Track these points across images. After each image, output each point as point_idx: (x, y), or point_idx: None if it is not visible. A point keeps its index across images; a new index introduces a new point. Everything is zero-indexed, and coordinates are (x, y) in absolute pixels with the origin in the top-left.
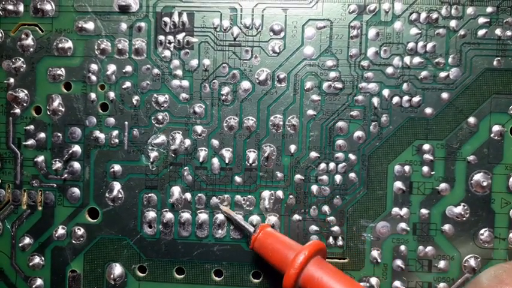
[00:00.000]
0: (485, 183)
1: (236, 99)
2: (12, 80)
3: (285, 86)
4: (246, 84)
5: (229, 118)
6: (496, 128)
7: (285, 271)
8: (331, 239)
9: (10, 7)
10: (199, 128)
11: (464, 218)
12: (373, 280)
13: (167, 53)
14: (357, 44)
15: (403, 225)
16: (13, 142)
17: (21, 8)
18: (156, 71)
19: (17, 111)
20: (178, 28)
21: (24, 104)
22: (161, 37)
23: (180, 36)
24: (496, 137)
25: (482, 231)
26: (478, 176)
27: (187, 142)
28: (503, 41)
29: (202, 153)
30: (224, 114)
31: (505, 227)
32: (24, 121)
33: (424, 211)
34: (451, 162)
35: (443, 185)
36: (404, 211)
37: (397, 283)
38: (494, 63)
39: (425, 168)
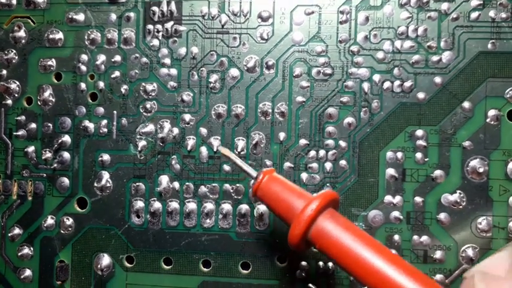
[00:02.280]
0: (481, 170)
1: (224, 86)
2: (4, 72)
3: (274, 72)
4: (234, 72)
5: (217, 106)
6: (491, 112)
7: (292, 223)
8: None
9: (3, 0)
10: (187, 117)
11: (461, 206)
12: None
13: (155, 41)
14: (346, 29)
15: (396, 213)
16: (4, 133)
17: (14, 0)
18: (144, 59)
19: (9, 102)
20: (166, 17)
21: (16, 95)
22: (150, 26)
23: (168, 25)
24: (492, 122)
25: (480, 219)
26: (474, 163)
27: (176, 131)
28: (497, 23)
29: (191, 142)
30: (212, 102)
31: (504, 216)
32: (16, 112)
33: (418, 199)
34: (445, 148)
35: (437, 172)
36: (397, 199)
37: None
38: (489, 46)
39: (418, 155)
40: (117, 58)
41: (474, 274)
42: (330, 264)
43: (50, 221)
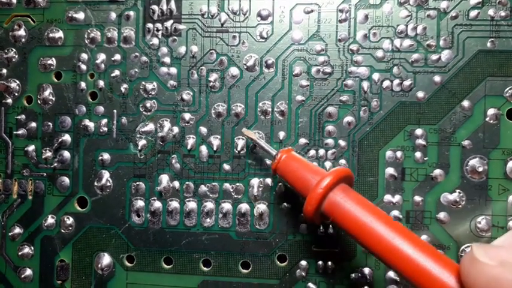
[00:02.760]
0: (481, 169)
1: (224, 85)
2: (4, 71)
3: (273, 71)
4: (233, 71)
5: (217, 105)
6: (491, 111)
7: (307, 197)
8: (321, 228)
9: None
10: (187, 116)
11: (460, 206)
12: (366, 270)
13: (155, 40)
14: (345, 27)
15: (395, 213)
16: (5, 132)
17: None
18: (144, 58)
19: (9, 101)
20: (166, 16)
21: (16, 94)
22: (149, 25)
23: (168, 24)
24: (491, 121)
25: (479, 219)
26: (474, 162)
27: (175, 130)
28: (496, 21)
29: (190, 141)
30: (212, 101)
31: (503, 215)
32: (16, 111)
33: (417, 198)
34: (445, 147)
35: (437, 171)
36: (397, 198)
37: (390, 273)
38: (488, 44)
39: (418, 154)
40: (117, 57)
41: (473, 245)
42: (330, 263)
43: (50, 220)
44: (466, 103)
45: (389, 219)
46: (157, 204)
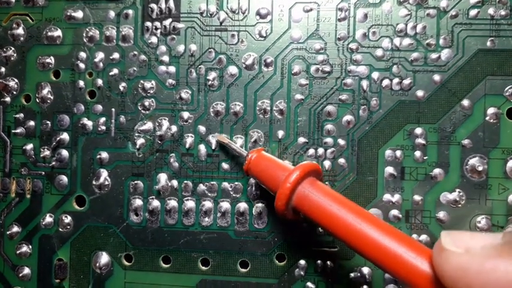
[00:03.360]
0: (481, 168)
1: (223, 84)
2: (3, 69)
3: (272, 70)
4: (232, 69)
5: (216, 104)
6: (491, 110)
7: (277, 193)
8: (320, 228)
9: None
10: (185, 114)
11: (460, 205)
12: (365, 270)
13: (154, 39)
14: (344, 26)
15: (395, 212)
16: (3, 130)
17: None
18: (142, 57)
19: (7, 99)
20: (164, 14)
21: (14, 93)
22: (148, 23)
23: (166, 22)
24: (491, 120)
25: (479, 218)
26: (474, 161)
27: (174, 128)
28: (496, 20)
29: (189, 140)
30: (211, 99)
31: (503, 214)
32: (14, 109)
33: (417, 197)
34: (444, 146)
35: (436, 170)
36: (396, 197)
37: None
38: (488, 43)
39: (417, 153)
40: (116, 55)
41: (441, 232)
42: (329, 262)
43: (48, 219)
44: (465, 102)
45: (358, 208)
46: (155, 203)
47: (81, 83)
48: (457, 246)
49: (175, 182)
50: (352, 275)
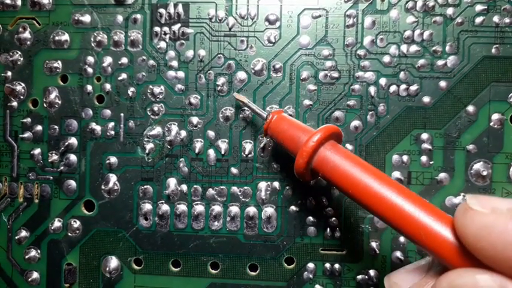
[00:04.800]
0: (485, 173)
1: (232, 89)
2: (9, 73)
3: (281, 76)
4: (241, 75)
5: (225, 109)
6: (495, 116)
7: (297, 154)
8: (328, 231)
9: (8, 1)
10: (195, 119)
11: None
12: (372, 272)
13: (162, 44)
14: (353, 33)
15: None
16: (10, 135)
17: (18, 1)
18: (151, 62)
19: (14, 104)
20: (173, 19)
21: (21, 97)
22: (157, 28)
23: (175, 27)
24: (495, 126)
25: None
26: (478, 166)
27: (183, 133)
28: (501, 28)
29: (198, 145)
30: (220, 105)
31: None
32: (21, 114)
33: None
34: (450, 151)
35: (442, 175)
36: None
37: None
38: (493, 50)
39: (423, 158)
40: (124, 60)
41: (467, 195)
42: (337, 265)
43: (57, 223)
44: (471, 108)
45: (380, 172)
46: (165, 207)
47: (89, 88)
48: (483, 207)
49: (184, 187)
50: (359, 277)
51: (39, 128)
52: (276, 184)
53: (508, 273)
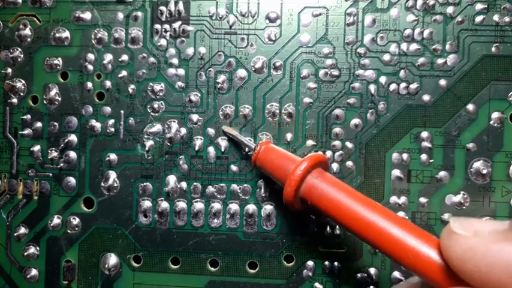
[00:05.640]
0: (485, 171)
1: (232, 87)
2: (9, 70)
3: (281, 73)
4: (241, 72)
5: (225, 106)
6: (495, 115)
7: (285, 184)
8: (328, 229)
9: None
10: (195, 117)
11: (464, 207)
12: (372, 270)
13: (163, 41)
14: (353, 31)
15: (401, 214)
16: (10, 132)
17: None
18: (152, 59)
19: (14, 100)
20: (174, 17)
21: (21, 94)
22: (157, 26)
23: (176, 25)
24: (495, 124)
25: (483, 220)
26: (478, 164)
27: (183, 131)
28: (501, 27)
29: (198, 142)
30: (220, 102)
31: (506, 216)
32: (21, 111)
33: (423, 200)
34: (450, 149)
35: (442, 173)
36: (402, 200)
37: (396, 273)
38: (493, 49)
39: (423, 156)
40: (125, 58)
41: (450, 219)
42: (336, 263)
43: (56, 220)
44: (470, 106)
45: (365, 198)
46: (164, 204)
47: (90, 85)
48: (466, 230)
49: (184, 184)
50: (359, 275)
51: (39, 124)
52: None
53: None
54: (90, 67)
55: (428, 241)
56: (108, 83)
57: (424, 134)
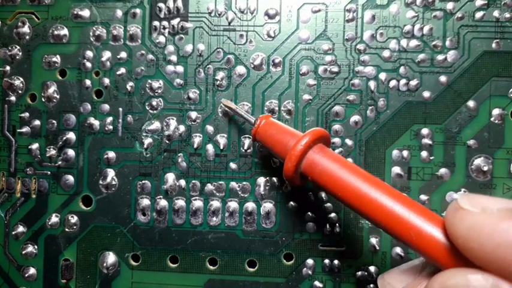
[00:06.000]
0: (486, 168)
1: (231, 84)
2: (8, 68)
3: (280, 70)
4: (240, 69)
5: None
6: (496, 111)
7: (285, 159)
8: (327, 226)
9: None
10: (193, 114)
11: None
12: (372, 268)
13: (162, 38)
14: (352, 27)
15: None
16: (8, 129)
17: None
18: (150, 56)
19: (12, 98)
20: (172, 14)
21: (20, 92)
22: (156, 23)
23: (174, 22)
24: (496, 121)
25: None
26: (479, 161)
27: (182, 128)
28: (501, 23)
29: (197, 140)
30: (219, 99)
31: None
32: (20, 108)
33: (423, 197)
34: (450, 146)
35: (443, 170)
36: None
37: None
38: (493, 45)
39: (424, 153)
40: (123, 55)
41: (457, 194)
42: (336, 261)
43: (54, 219)
44: (471, 103)
45: (368, 174)
46: (163, 202)
47: (88, 82)
48: (473, 207)
49: (183, 182)
50: (359, 273)
51: (37, 122)
52: (275, 179)
53: (498, 273)
54: (89, 64)
55: (432, 220)
56: (106, 81)
57: (425, 131)
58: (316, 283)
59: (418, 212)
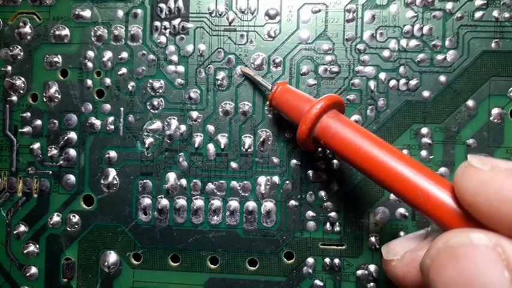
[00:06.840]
0: None
1: (231, 84)
2: (9, 68)
3: (281, 70)
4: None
5: (224, 103)
6: (495, 110)
7: (300, 122)
8: (328, 225)
9: None
10: (194, 114)
11: None
12: (372, 267)
13: (163, 38)
14: (352, 27)
15: (401, 210)
16: (9, 129)
17: None
18: (151, 56)
19: (14, 98)
20: (173, 14)
21: (21, 92)
22: (157, 23)
23: (175, 22)
24: (495, 120)
25: None
26: None
27: (183, 128)
28: (500, 22)
29: (198, 139)
30: (219, 99)
31: None
32: (21, 108)
33: None
34: (450, 146)
35: (442, 169)
36: None
37: None
38: (492, 45)
39: (423, 152)
40: (124, 55)
41: (468, 154)
42: (337, 260)
43: (55, 218)
44: (470, 102)
45: (380, 140)
46: (164, 202)
47: (89, 82)
48: (483, 165)
49: (184, 181)
50: (359, 272)
51: (38, 122)
52: (276, 178)
53: (502, 230)
54: (90, 64)
55: (440, 183)
56: (107, 80)
57: (424, 130)
58: (317, 282)
59: (426, 175)
